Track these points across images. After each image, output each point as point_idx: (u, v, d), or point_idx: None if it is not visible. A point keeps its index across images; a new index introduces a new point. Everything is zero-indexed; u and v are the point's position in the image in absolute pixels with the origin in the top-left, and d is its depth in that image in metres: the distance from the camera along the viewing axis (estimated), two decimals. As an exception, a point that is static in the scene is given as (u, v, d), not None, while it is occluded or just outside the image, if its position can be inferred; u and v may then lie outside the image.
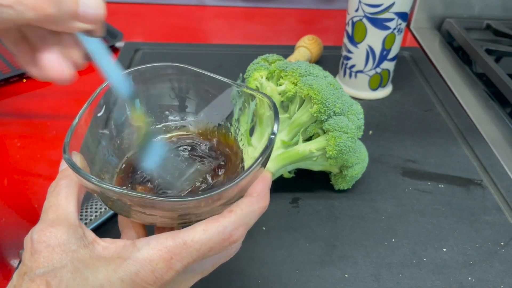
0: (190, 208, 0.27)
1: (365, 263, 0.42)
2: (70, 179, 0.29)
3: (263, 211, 0.29)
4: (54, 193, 0.28)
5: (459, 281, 0.41)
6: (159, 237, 0.26)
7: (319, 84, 0.42)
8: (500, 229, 0.46)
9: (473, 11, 0.86)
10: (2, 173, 0.51)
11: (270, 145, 0.29)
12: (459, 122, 0.62)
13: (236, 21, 0.89)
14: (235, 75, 0.50)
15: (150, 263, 0.25)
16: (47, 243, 0.25)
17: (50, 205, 0.27)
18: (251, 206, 0.28)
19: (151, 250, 0.25)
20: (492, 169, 0.54)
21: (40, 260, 0.24)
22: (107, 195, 0.27)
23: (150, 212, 0.27)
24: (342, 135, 0.42)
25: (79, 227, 0.27)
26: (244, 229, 0.28)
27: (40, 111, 0.61)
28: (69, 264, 0.24)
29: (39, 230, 0.26)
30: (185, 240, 0.26)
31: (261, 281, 0.40)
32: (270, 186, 0.30)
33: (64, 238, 0.25)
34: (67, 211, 0.27)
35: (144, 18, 0.88)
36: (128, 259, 0.25)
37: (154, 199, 0.25)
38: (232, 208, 0.27)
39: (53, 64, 0.29)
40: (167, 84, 0.37)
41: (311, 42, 0.71)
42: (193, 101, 0.37)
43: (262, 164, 0.28)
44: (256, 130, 0.42)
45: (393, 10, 0.58)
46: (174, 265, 0.25)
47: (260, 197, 0.29)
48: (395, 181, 0.51)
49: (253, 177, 0.28)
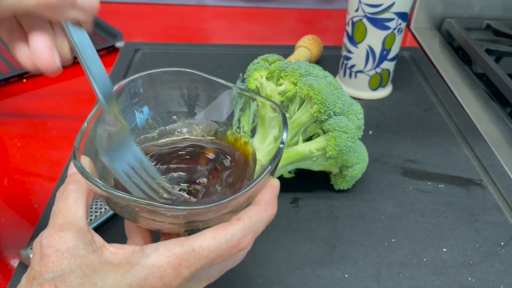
0: (198, 216, 0.27)
1: (365, 263, 0.42)
2: (79, 184, 0.29)
3: (271, 219, 0.29)
4: (63, 198, 0.28)
5: (459, 281, 0.41)
6: (168, 244, 0.26)
7: (319, 84, 0.42)
8: (500, 229, 0.46)
9: (473, 11, 0.86)
10: (2, 173, 0.51)
11: (279, 154, 0.29)
12: (459, 122, 0.62)
13: (236, 21, 0.89)
14: (235, 75, 0.50)
15: (159, 269, 0.25)
16: (56, 248, 0.25)
17: (59, 210, 0.27)
18: (260, 214, 0.28)
19: (159, 257, 0.25)
20: (492, 169, 0.54)
21: (49, 264, 0.24)
22: (115, 201, 0.27)
23: (158, 219, 0.27)
24: (342, 135, 0.42)
25: (87, 232, 0.27)
26: (252, 237, 0.28)
27: (40, 111, 0.61)
28: (78, 269, 0.24)
29: (48, 234, 0.26)
30: (193, 247, 0.26)
31: (261, 281, 0.40)
32: (278, 194, 0.30)
33: (73, 243, 0.25)
34: (76, 215, 0.27)
35: (144, 18, 0.88)
36: (137, 265, 0.25)
37: (163, 206, 0.25)
38: (240, 216, 0.27)
39: (43, 51, 0.29)
40: (175, 89, 0.37)
41: (311, 42, 0.71)
42: (200, 105, 0.37)
43: (271, 173, 0.29)
44: (258, 131, 0.42)
45: (393, 10, 0.58)
46: (182, 272, 0.25)
47: (268, 205, 0.29)
48: (395, 181, 0.51)
49: (261, 186, 0.28)
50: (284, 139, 0.30)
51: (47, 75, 0.30)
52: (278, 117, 0.32)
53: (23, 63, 0.30)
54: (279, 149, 0.29)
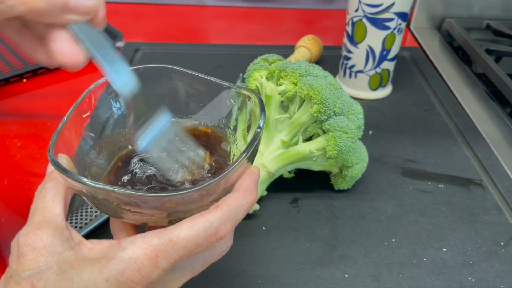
0: (177, 206, 0.26)
1: (365, 263, 0.42)
2: (56, 181, 0.28)
3: (251, 206, 0.29)
4: (41, 196, 0.28)
5: (459, 281, 0.41)
6: (145, 236, 0.26)
7: (319, 84, 0.42)
8: (500, 229, 0.46)
9: (473, 11, 0.86)
10: (2, 173, 0.51)
11: (255, 138, 0.28)
12: (459, 122, 0.62)
13: (236, 21, 0.89)
14: (235, 75, 0.50)
15: (135, 262, 0.25)
16: (32, 246, 0.25)
17: (36, 208, 0.27)
18: (238, 201, 0.27)
19: (136, 249, 0.25)
20: (492, 169, 0.54)
21: (26, 263, 0.24)
22: (92, 195, 0.26)
23: (136, 210, 0.27)
24: (342, 135, 0.42)
25: (65, 228, 0.26)
26: (231, 224, 0.27)
27: (40, 111, 0.61)
28: (55, 266, 0.24)
29: (25, 233, 0.25)
30: (170, 238, 0.25)
31: (261, 281, 0.40)
32: (258, 181, 0.30)
33: (50, 240, 0.25)
34: (53, 213, 0.27)
35: (144, 18, 0.88)
36: (113, 258, 0.25)
37: (137, 194, 0.25)
38: (218, 203, 0.27)
39: (63, 48, 0.27)
40: (166, 86, 0.37)
41: (311, 42, 0.71)
42: (193, 103, 0.37)
43: (248, 158, 0.28)
44: (252, 129, 0.42)
45: (393, 10, 0.58)
46: (160, 263, 0.25)
47: (248, 192, 0.28)
48: (395, 181, 0.51)
49: (239, 172, 0.28)
50: (260, 124, 0.30)
51: (71, 70, 0.29)
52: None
53: (40, 60, 0.29)
54: (256, 133, 0.29)
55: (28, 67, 0.66)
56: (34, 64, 0.67)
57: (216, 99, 0.36)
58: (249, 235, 0.44)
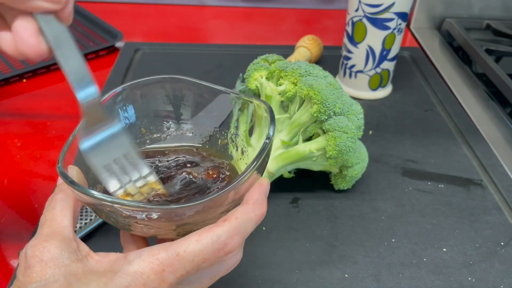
0: (185, 218, 0.26)
1: (365, 263, 0.42)
2: (65, 193, 0.28)
3: (260, 219, 0.28)
4: (50, 208, 0.28)
5: (459, 281, 0.41)
6: (152, 249, 0.25)
7: (319, 84, 0.42)
8: (500, 229, 0.46)
9: (473, 11, 0.86)
10: (2, 173, 0.51)
11: (264, 149, 0.28)
12: (459, 122, 0.62)
13: (236, 21, 0.89)
14: (235, 75, 0.50)
15: (141, 276, 0.24)
16: (40, 258, 0.25)
17: (45, 220, 0.27)
18: (247, 214, 0.27)
19: (142, 263, 0.25)
20: (492, 169, 0.54)
21: (33, 275, 0.24)
22: (100, 208, 0.26)
23: (143, 222, 0.26)
24: (342, 135, 0.42)
25: (73, 241, 0.26)
26: (240, 238, 0.27)
27: (40, 111, 0.61)
28: (62, 278, 0.24)
29: (32, 245, 0.25)
30: (177, 252, 0.25)
31: (261, 281, 0.40)
32: (267, 193, 0.29)
33: (57, 252, 0.25)
34: (61, 225, 0.27)
35: (144, 18, 0.88)
36: (119, 272, 0.24)
37: (145, 207, 0.25)
38: (227, 216, 0.27)
39: (25, 37, 0.26)
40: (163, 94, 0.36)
41: (311, 42, 0.71)
42: (189, 108, 0.37)
43: (257, 170, 0.28)
44: (255, 131, 0.42)
45: (393, 10, 0.58)
46: (166, 278, 0.25)
47: (256, 204, 0.28)
48: (395, 181, 0.51)
49: (248, 184, 0.28)
50: (270, 135, 0.29)
51: (32, 60, 0.28)
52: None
53: (5, 49, 0.28)
54: (265, 145, 0.28)
55: (28, 67, 0.66)
56: (34, 64, 0.67)
57: (215, 100, 0.36)
58: (249, 235, 0.44)
